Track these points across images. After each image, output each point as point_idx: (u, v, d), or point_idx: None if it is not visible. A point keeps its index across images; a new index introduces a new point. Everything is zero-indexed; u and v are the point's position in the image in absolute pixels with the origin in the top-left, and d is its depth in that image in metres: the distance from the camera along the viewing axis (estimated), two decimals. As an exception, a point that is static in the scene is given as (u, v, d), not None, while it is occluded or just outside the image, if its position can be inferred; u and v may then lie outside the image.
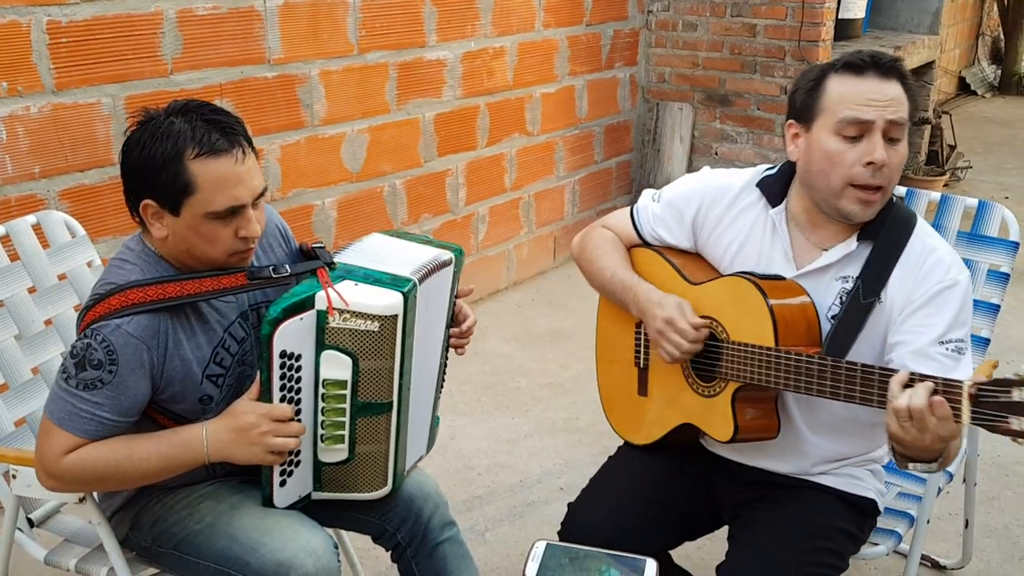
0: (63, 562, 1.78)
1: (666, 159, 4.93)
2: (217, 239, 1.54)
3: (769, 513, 1.74)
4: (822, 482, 1.78)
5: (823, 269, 1.70)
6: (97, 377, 1.49)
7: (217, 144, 1.49)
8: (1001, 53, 9.29)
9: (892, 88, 1.61)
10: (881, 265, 1.65)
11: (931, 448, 1.43)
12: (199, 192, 1.50)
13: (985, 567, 2.50)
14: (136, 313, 1.51)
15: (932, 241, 1.68)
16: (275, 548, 1.58)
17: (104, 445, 1.53)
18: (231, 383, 1.65)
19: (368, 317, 1.55)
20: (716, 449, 1.85)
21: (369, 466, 1.68)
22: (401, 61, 3.60)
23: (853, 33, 5.67)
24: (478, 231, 4.19)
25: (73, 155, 2.66)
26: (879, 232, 1.66)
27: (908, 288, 1.64)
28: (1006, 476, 2.93)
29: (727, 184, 1.81)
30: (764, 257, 1.75)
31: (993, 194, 5.80)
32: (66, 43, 2.59)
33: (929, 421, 1.39)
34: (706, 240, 1.83)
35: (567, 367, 3.60)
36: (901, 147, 1.62)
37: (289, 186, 3.31)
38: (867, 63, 1.62)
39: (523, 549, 2.54)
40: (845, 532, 1.73)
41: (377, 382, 1.60)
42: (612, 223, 1.96)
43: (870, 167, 1.59)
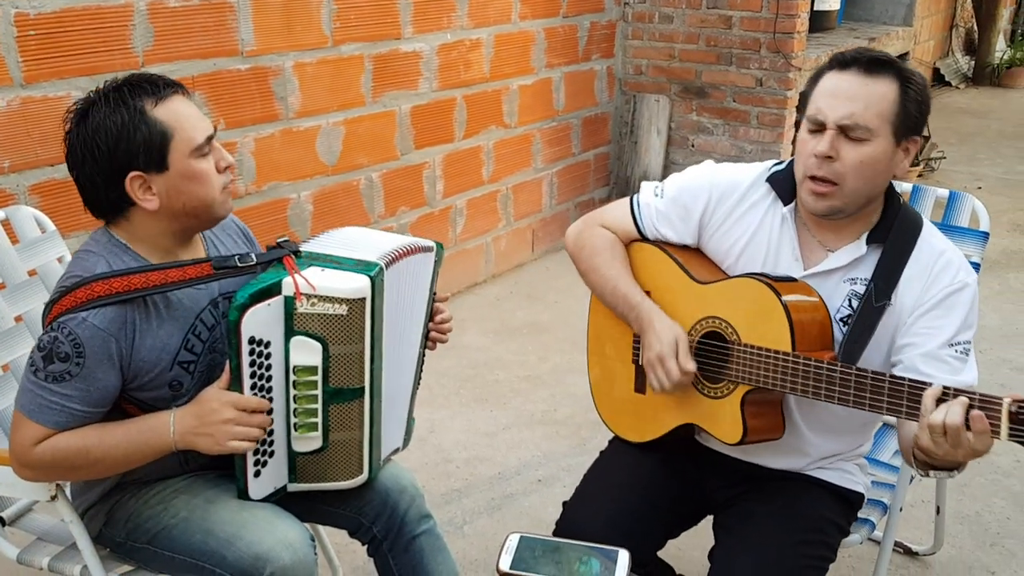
0: (36, 560, 1.77)
1: (643, 151, 4.94)
2: (208, 177, 1.58)
3: (762, 505, 1.75)
4: (815, 475, 1.79)
5: (830, 272, 1.69)
6: (65, 370, 1.50)
7: (164, 89, 1.56)
8: (975, 44, 9.37)
9: (871, 86, 1.58)
10: (892, 268, 1.65)
11: (960, 461, 1.44)
12: (177, 133, 1.54)
13: (957, 553, 2.54)
14: (102, 306, 1.51)
15: (940, 243, 1.68)
16: (252, 541, 1.58)
17: (73, 433, 1.53)
18: (202, 370, 1.65)
19: (336, 301, 1.55)
20: (714, 446, 1.84)
21: (344, 454, 1.67)
22: (376, 53, 3.59)
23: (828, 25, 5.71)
24: (456, 224, 4.19)
25: (43, 149, 2.63)
26: (888, 235, 1.66)
27: (918, 290, 1.64)
28: (977, 464, 2.96)
29: (736, 180, 1.79)
30: (771, 255, 1.73)
31: (966, 184, 5.86)
32: (35, 36, 2.56)
33: (964, 438, 1.38)
34: (711, 236, 1.80)
35: (545, 359, 3.61)
36: (866, 148, 1.58)
37: (264, 179, 3.28)
38: (850, 60, 1.61)
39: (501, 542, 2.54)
40: (835, 524, 1.75)
41: (348, 367, 1.61)
42: (610, 220, 1.90)
43: (816, 159, 1.60)
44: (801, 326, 1.60)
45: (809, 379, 1.56)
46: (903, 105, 1.59)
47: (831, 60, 1.65)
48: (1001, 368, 3.60)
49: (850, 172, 1.59)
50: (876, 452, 2.22)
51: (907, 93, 1.60)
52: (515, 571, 1.40)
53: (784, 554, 1.64)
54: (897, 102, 1.59)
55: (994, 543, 2.59)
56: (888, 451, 2.22)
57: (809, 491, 1.77)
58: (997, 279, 4.45)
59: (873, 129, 1.58)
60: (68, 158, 1.57)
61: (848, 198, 1.62)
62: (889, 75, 1.59)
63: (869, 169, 1.59)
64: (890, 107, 1.59)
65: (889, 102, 1.58)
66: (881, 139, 1.59)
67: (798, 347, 1.59)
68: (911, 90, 1.60)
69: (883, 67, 1.59)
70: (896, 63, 1.62)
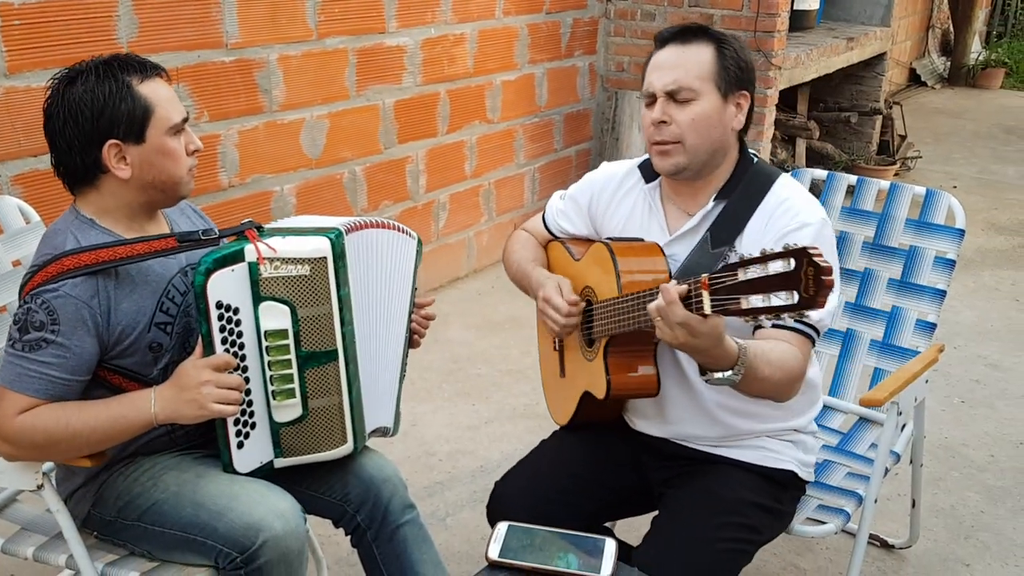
0: (21, 551, 1.77)
1: (624, 147, 4.97)
2: (179, 155, 1.65)
3: (683, 491, 1.80)
4: (735, 456, 1.83)
5: (692, 231, 1.80)
6: (40, 337, 1.53)
7: (149, 69, 1.65)
8: (951, 45, 9.48)
9: (687, 53, 1.73)
10: (733, 218, 1.76)
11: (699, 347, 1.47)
12: (157, 110, 1.62)
13: (932, 546, 2.58)
14: (72, 277, 1.56)
15: (786, 192, 1.78)
16: (243, 512, 1.60)
17: (54, 406, 1.55)
18: (179, 331, 1.69)
19: (298, 262, 1.61)
20: (634, 424, 1.92)
21: (326, 421, 1.70)
22: (360, 47, 3.59)
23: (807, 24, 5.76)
24: (439, 218, 4.20)
25: (27, 140, 2.61)
26: (733, 190, 1.78)
27: (759, 236, 1.73)
28: (952, 458, 3.02)
29: (614, 172, 1.96)
30: (644, 232, 1.86)
31: (942, 183, 5.94)
32: (19, 26, 2.54)
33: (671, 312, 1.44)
34: (601, 225, 1.96)
35: (527, 354, 3.63)
36: (695, 106, 1.72)
37: (247, 172, 3.28)
38: (667, 36, 1.77)
39: (484, 534, 2.57)
40: (758, 506, 1.77)
41: (318, 329, 1.65)
42: (528, 225, 2.13)
43: (654, 127, 1.75)
44: (628, 273, 1.72)
45: (630, 312, 1.64)
46: (721, 64, 1.73)
47: (654, 39, 1.80)
48: (976, 364, 3.66)
49: (686, 130, 1.72)
50: (851, 444, 2.26)
51: (723, 53, 1.74)
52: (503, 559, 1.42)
53: (698, 539, 1.68)
54: (715, 62, 1.73)
55: (968, 536, 2.64)
56: (863, 443, 2.26)
57: (729, 472, 1.81)
58: (972, 277, 4.52)
59: (696, 88, 1.71)
60: (47, 123, 1.63)
61: (690, 153, 1.74)
62: (703, 40, 1.74)
63: (702, 125, 1.72)
64: (709, 67, 1.72)
65: (707, 63, 1.72)
66: (707, 96, 1.72)
67: (624, 291, 1.70)
68: (726, 49, 1.74)
69: (696, 34, 1.75)
70: (709, 29, 1.77)
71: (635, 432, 1.92)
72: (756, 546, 1.77)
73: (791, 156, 5.67)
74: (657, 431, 1.88)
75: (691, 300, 1.42)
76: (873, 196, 2.41)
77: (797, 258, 1.27)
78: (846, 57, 5.64)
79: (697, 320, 1.42)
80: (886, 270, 2.36)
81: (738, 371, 1.52)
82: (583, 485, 1.86)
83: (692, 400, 1.81)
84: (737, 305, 1.34)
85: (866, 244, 2.39)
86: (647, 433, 1.90)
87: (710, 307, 1.39)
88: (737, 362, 1.51)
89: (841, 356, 2.40)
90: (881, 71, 6.22)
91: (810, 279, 1.26)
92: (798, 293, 1.27)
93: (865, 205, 2.41)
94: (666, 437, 1.88)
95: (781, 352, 1.62)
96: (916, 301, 2.31)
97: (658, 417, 1.86)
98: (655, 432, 1.89)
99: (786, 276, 1.28)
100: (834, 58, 5.48)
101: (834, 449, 2.24)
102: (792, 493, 1.88)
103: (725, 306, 1.37)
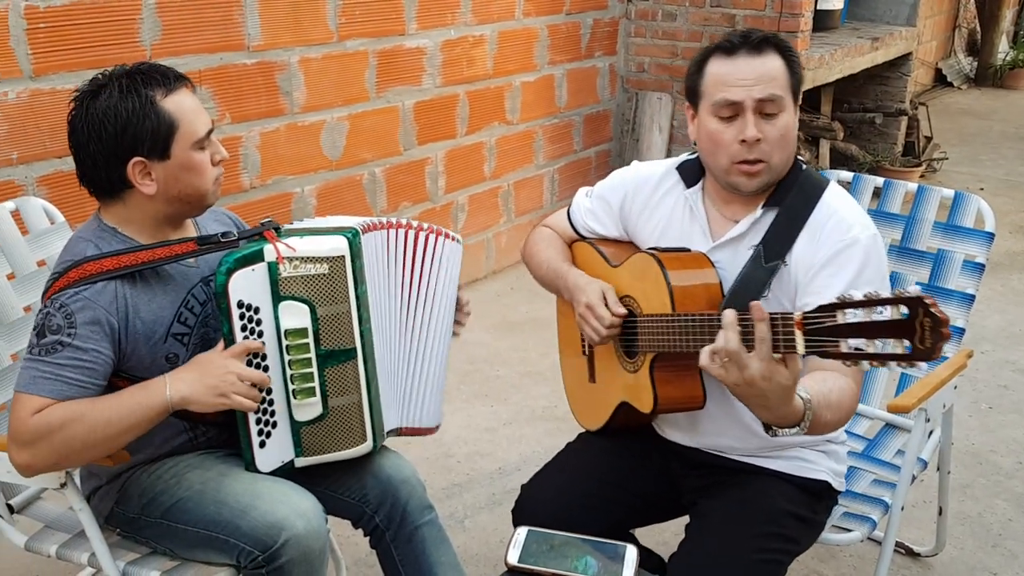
0: (44, 548, 1.78)
1: (645, 148, 4.94)
2: (205, 168, 1.64)
3: (718, 501, 1.77)
4: (770, 466, 1.80)
5: (736, 239, 1.74)
6: (56, 340, 1.53)
7: (174, 82, 1.62)
8: (977, 45, 9.38)
9: (765, 63, 1.66)
10: (786, 229, 1.70)
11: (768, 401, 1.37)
12: (182, 125, 1.60)
13: (959, 554, 2.55)
14: (92, 283, 1.56)
15: (836, 203, 1.72)
16: (266, 511, 1.60)
17: (68, 403, 1.52)
18: (196, 342, 1.69)
19: (317, 260, 1.62)
20: (665, 433, 1.89)
21: (345, 420, 1.71)
22: (381, 49, 3.59)
23: (831, 24, 5.71)
24: (457, 219, 4.19)
25: (52, 141, 2.64)
26: (784, 199, 1.72)
27: (811, 250, 1.68)
28: (979, 464, 2.98)
29: (650, 173, 1.89)
30: (685, 237, 1.80)
31: (968, 185, 5.87)
32: (44, 29, 2.57)
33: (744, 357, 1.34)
34: (634, 227, 1.89)
35: (546, 355, 3.62)
36: (781, 119, 1.66)
37: (268, 173, 3.29)
38: (736, 43, 1.68)
39: (502, 536, 2.56)
40: (795, 516, 1.74)
41: (337, 327, 1.66)
42: (551, 222, 2.06)
43: (744, 145, 1.65)
44: (681, 289, 1.67)
45: (687, 333, 1.60)
46: (792, 72, 1.69)
47: (715, 47, 1.71)
48: (1004, 370, 3.61)
49: (775, 147, 1.66)
50: (877, 451, 2.23)
51: (791, 61, 1.69)
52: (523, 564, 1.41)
53: (737, 549, 1.65)
54: (787, 71, 1.68)
55: (996, 544, 2.60)
56: (889, 450, 2.23)
57: (765, 482, 1.77)
58: (1000, 281, 4.46)
59: (783, 97, 1.66)
60: (71, 136, 1.61)
61: (775, 170, 1.69)
62: (772, 49, 1.68)
63: (788, 140, 1.68)
64: (785, 77, 1.68)
65: (783, 72, 1.67)
66: (789, 108, 1.68)
67: (679, 308, 1.65)
68: (793, 57, 1.70)
69: (766, 43, 1.68)
70: (773, 36, 1.70)
71: (664, 439, 1.89)
72: (792, 557, 1.74)
73: (815, 157, 5.63)
74: (689, 441, 1.85)
75: (779, 339, 1.34)
76: (900, 198, 2.38)
77: (911, 307, 1.20)
78: (871, 57, 5.59)
79: (777, 364, 1.33)
80: (914, 274, 2.33)
81: (804, 426, 1.45)
82: (611, 491, 1.84)
83: (729, 413, 1.76)
84: (836, 348, 1.26)
85: (893, 247, 2.35)
86: (678, 442, 1.87)
87: (804, 348, 1.31)
88: (803, 419, 1.44)
89: (866, 360, 2.36)
90: (906, 71, 6.15)
91: (926, 330, 1.19)
92: (911, 343, 1.20)
93: (892, 208, 2.38)
94: (698, 447, 1.84)
95: (840, 391, 1.54)
96: (944, 306, 2.27)
97: (692, 428, 1.83)
98: (687, 442, 1.85)
99: (897, 324, 1.21)
100: (858, 58, 5.43)
101: (860, 456, 2.21)
102: (826, 503, 1.85)
103: (823, 348, 1.29)
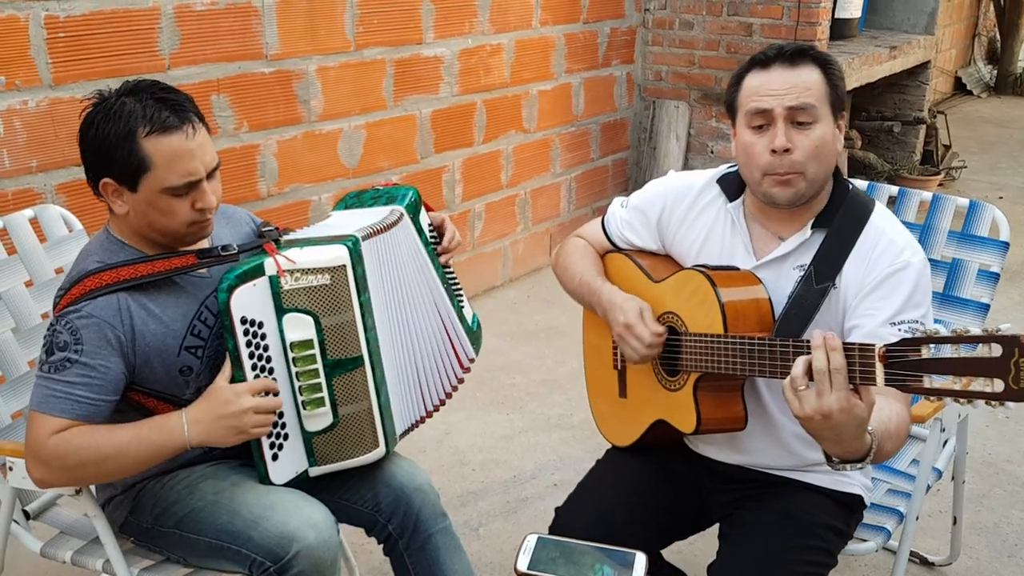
0: (59, 554, 1.80)
1: (662, 157, 4.94)
2: (175, 212, 1.59)
3: (756, 512, 1.75)
4: (807, 480, 1.78)
5: (781, 259, 1.72)
6: (64, 357, 1.54)
7: (167, 121, 1.54)
8: (997, 53, 9.31)
9: (800, 74, 1.64)
10: (835, 251, 1.68)
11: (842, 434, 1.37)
12: (154, 169, 1.55)
13: (974, 564, 2.52)
14: (94, 298, 1.56)
15: (885, 225, 1.70)
16: (278, 522, 1.61)
17: (87, 429, 1.55)
18: (210, 355, 1.69)
19: (318, 272, 1.62)
20: (698, 448, 1.87)
21: (356, 427, 1.71)
22: (398, 58, 3.61)
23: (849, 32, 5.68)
24: (474, 227, 4.20)
25: (70, 149, 2.66)
26: (832, 220, 1.70)
27: (861, 273, 1.66)
28: (996, 474, 2.95)
29: (689, 184, 1.86)
30: (726, 251, 1.78)
31: (987, 194, 5.83)
32: (64, 38, 2.60)
33: (825, 386, 1.34)
34: (672, 239, 1.87)
35: (562, 363, 3.62)
36: (815, 129, 1.63)
37: (286, 182, 3.32)
38: (771, 56, 1.67)
39: (516, 544, 2.55)
40: (833, 528, 1.74)
41: (343, 337, 1.66)
42: (585, 232, 2.03)
43: (775, 156, 1.63)
44: (733, 309, 1.64)
45: (740, 356, 1.58)
46: (831, 84, 1.66)
47: (751, 61, 1.71)
48: (1020, 379, 3.57)
49: (809, 159, 1.63)
50: (892, 460, 2.21)
51: (830, 73, 1.67)
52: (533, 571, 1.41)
53: (779, 561, 1.64)
54: (825, 82, 1.66)
55: (1012, 555, 2.57)
56: (904, 460, 2.22)
57: (804, 496, 1.76)
58: (1018, 290, 4.42)
59: (818, 108, 1.64)
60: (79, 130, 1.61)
61: (810, 182, 1.66)
62: (809, 61, 1.66)
63: (823, 151, 1.65)
64: (821, 88, 1.65)
65: (819, 84, 1.65)
66: (825, 119, 1.65)
67: (731, 329, 1.63)
68: (832, 69, 1.67)
69: (802, 55, 1.66)
70: (811, 49, 1.69)
71: (696, 454, 1.87)
72: (829, 570, 1.73)
73: (832, 166, 5.60)
74: (726, 458, 1.83)
75: (855, 370, 1.33)
76: (915, 208, 2.37)
77: (1006, 345, 1.19)
78: (889, 66, 5.56)
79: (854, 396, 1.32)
80: (928, 282, 2.31)
81: (869, 460, 1.44)
82: (646, 516, 1.80)
83: (769, 433, 1.75)
84: (919, 383, 1.25)
85: (907, 256, 2.34)
86: (713, 458, 1.85)
87: (883, 381, 1.29)
88: (869, 452, 1.42)
89: (881, 370, 2.35)
90: (925, 80, 6.12)
91: (1021, 371, 1.18)
92: (1004, 383, 1.19)
93: (907, 217, 2.36)
94: (733, 463, 1.82)
95: (898, 420, 1.53)
96: (959, 315, 2.26)
97: (729, 445, 1.81)
98: (722, 458, 1.83)
99: (989, 362, 1.20)
100: (876, 67, 5.40)
101: (875, 465, 2.19)
102: (858, 516, 1.84)
103: (905, 382, 1.28)
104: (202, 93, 2.95)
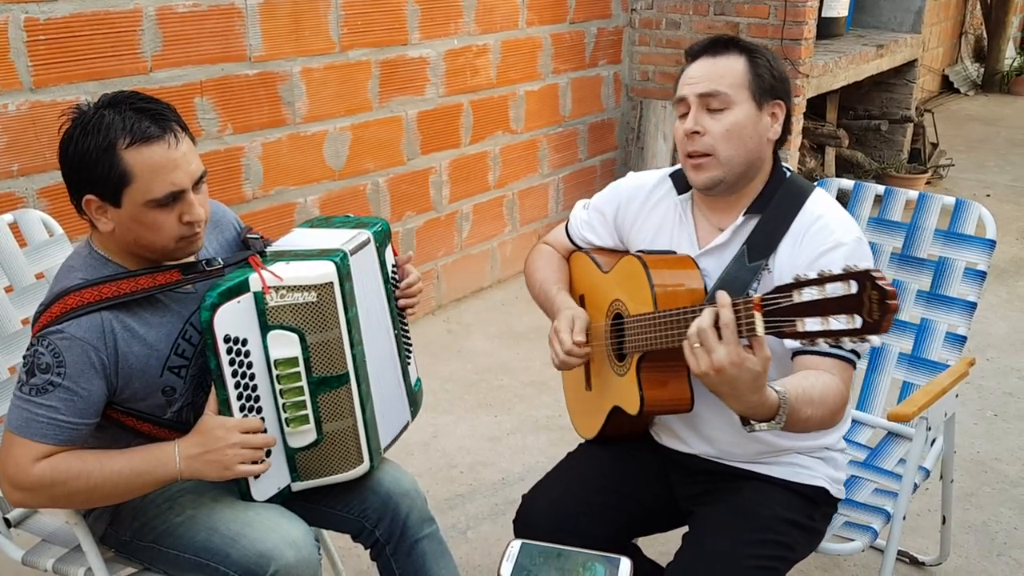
0: (40, 562, 1.78)
1: (650, 157, 4.93)
2: (161, 227, 1.54)
3: (713, 508, 1.77)
4: (766, 473, 1.79)
5: (721, 247, 1.76)
6: (47, 381, 1.50)
7: (148, 131, 1.50)
8: (984, 52, 9.35)
9: (718, 63, 1.70)
10: (768, 234, 1.71)
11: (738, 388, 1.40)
12: (136, 181, 1.50)
13: (963, 563, 2.52)
14: (75, 317, 1.51)
15: (820, 209, 1.73)
16: (255, 539, 1.59)
17: (75, 456, 1.52)
18: (194, 373, 1.66)
19: (304, 289, 1.58)
20: (661, 439, 1.90)
21: (341, 444, 1.68)
22: (383, 59, 3.60)
23: (836, 31, 5.70)
24: (462, 229, 4.19)
25: (51, 153, 2.64)
26: (766, 206, 1.73)
27: (793, 254, 1.69)
28: (984, 473, 2.95)
29: (643, 182, 1.93)
30: (675, 244, 1.83)
31: (975, 192, 5.84)
32: (44, 40, 2.58)
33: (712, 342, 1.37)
34: (628, 236, 1.93)
35: (550, 365, 3.57)
36: (728, 116, 1.68)
37: (271, 184, 3.30)
38: (699, 49, 1.75)
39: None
40: (792, 522, 1.74)
41: (329, 354, 1.63)
42: (550, 238, 2.10)
43: (687, 138, 1.71)
44: (663, 288, 1.69)
45: (666, 328, 1.60)
46: (754, 72, 1.70)
47: (685, 53, 1.79)
48: (1009, 377, 3.58)
49: (719, 141, 1.69)
50: (879, 460, 2.21)
51: (756, 61, 1.71)
52: (516, 577, 1.40)
53: (734, 555, 1.64)
54: (747, 71, 1.70)
55: (1001, 553, 2.57)
56: (891, 459, 2.21)
57: (762, 489, 1.77)
58: (1005, 287, 4.43)
59: (730, 95, 1.68)
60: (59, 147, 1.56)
61: (725, 166, 1.70)
62: (733, 51, 1.72)
63: (736, 135, 1.69)
64: (742, 76, 1.69)
65: (739, 72, 1.69)
66: (741, 105, 1.69)
67: (660, 308, 1.66)
68: (758, 59, 1.72)
69: (726, 45, 1.72)
70: (739, 40, 1.74)
71: (662, 447, 1.90)
72: (789, 564, 1.73)
73: (820, 165, 5.61)
74: (686, 448, 1.85)
75: (740, 323, 1.36)
76: (901, 206, 2.37)
77: (860, 280, 1.22)
78: (876, 64, 5.57)
79: (745, 351, 1.36)
80: (915, 282, 2.31)
81: (780, 420, 1.46)
82: (611, 500, 1.84)
83: (726, 418, 1.75)
84: (792, 328, 1.29)
85: (894, 255, 2.34)
86: (676, 449, 1.87)
87: (763, 329, 1.33)
88: (778, 412, 1.46)
89: (869, 369, 2.35)
90: (912, 78, 6.14)
91: (874, 303, 1.21)
92: (861, 317, 1.22)
93: (893, 215, 2.37)
94: (696, 453, 1.84)
95: (823, 387, 1.55)
96: (946, 313, 2.26)
97: (687, 433, 1.83)
98: (684, 449, 1.85)
99: (847, 299, 1.23)
100: (864, 65, 5.42)
101: (861, 464, 2.19)
102: (824, 511, 1.84)
103: (780, 328, 1.31)
104: (185, 95, 2.93)
